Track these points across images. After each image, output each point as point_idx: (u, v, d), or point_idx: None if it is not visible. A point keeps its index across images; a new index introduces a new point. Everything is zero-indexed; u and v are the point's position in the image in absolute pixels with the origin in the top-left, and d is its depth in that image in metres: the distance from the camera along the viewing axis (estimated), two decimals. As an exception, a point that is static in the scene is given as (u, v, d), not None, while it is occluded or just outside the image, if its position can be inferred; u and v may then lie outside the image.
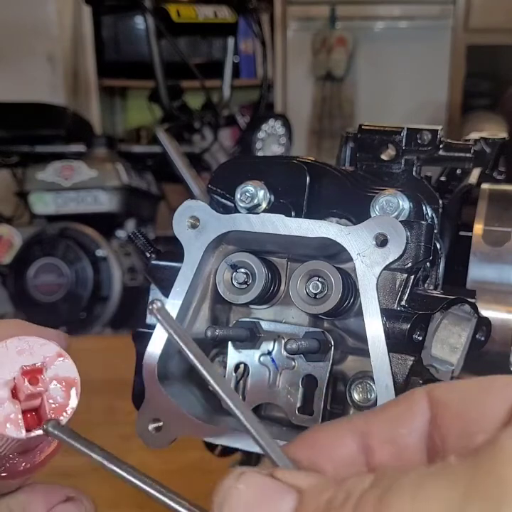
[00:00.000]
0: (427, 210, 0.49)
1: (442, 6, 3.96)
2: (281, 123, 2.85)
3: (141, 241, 0.50)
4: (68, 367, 0.36)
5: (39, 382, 0.34)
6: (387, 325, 0.42)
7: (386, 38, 4.04)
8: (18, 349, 0.35)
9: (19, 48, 3.51)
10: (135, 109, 4.17)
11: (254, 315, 0.49)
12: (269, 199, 0.47)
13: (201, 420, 0.46)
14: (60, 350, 0.36)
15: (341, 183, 0.48)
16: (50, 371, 0.35)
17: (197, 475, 0.78)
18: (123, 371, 0.52)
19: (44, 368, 0.35)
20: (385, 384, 0.41)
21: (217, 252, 0.48)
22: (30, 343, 0.35)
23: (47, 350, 0.35)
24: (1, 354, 0.34)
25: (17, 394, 0.34)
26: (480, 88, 4.16)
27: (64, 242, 2.47)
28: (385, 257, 0.42)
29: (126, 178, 2.58)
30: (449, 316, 0.45)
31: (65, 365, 0.36)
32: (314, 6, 4.00)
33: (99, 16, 3.75)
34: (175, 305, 0.47)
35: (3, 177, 2.85)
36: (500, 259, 0.51)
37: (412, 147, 0.52)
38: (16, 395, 0.34)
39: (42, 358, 0.35)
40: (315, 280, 0.45)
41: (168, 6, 2.47)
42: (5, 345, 0.34)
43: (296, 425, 0.46)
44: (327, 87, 4.06)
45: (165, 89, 2.50)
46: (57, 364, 0.35)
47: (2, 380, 0.34)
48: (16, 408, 0.34)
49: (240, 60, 3.89)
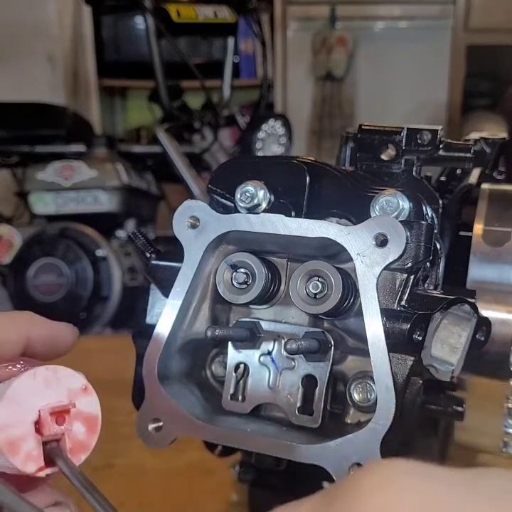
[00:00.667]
0: (427, 210, 0.49)
1: (442, 6, 3.96)
2: (281, 123, 2.85)
3: (141, 241, 0.50)
4: (92, 402, 0.34)
5: (65, 422, 0.33)
6: (387, 325, 0.42)
7: (386, 38, 4.04)
8: (46, 380, 0.33)
9: (19, 47, 3.51)
10: (135, 109, 4.17)
11: (254, 315, 0.49)
12: (269, 199, 0.47)
13: (201, 420, 0.46)
14: (87, 384, 0.34)
15: (341, 183, 0.48)
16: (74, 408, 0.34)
17: (197, 475, 0.78)
18: (123, 371, 0.52)
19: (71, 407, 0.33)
20: (385, 384, 0.41)
21: (217, 252, 0.48)
22: (58, 373, 0.33)
23: (73, 382, 0.34)
24: (29, 384, 0.32)
25: (40, 428, 0.33)
26: (480, 88, 4.16)
27: (64, 242, 2.47)
28: (385, 257, 0.42)
29: (126, 178, 2.58)
30: (449, 316, 0.45)
31: (89, 401, 0.34)
32: (314, 6, 4.00)
33: (99, 15, 3.74)
34: (175, 305, 0.47)
35: (3, 177, 2.85)
36: (500, 259, 0.51)
37: (412, 147, 0.52)
38: (39, 430, 0.33)
39: (68, 391, 0.33)
40: (315, 280, 0.45)
41: (168, 6, 2.47)
42: (33, 374, 0.33)
43: (296, 425, 0.47)
44: (327, 87, 4.06)
45: (165, 89, 2.50)
46: (82, 399, 0.34)
47: (27, 411, 0.32)
48: (37, 444, 0.32)
49: (239, 60, 3.89)
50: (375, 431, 0.41)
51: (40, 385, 0.33)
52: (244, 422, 0.47)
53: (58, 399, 0.33)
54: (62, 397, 0.33)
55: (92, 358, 0.50)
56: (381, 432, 0.41)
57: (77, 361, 0.42)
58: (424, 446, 0.62)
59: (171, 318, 0.47)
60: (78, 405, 0.34)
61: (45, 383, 0.33)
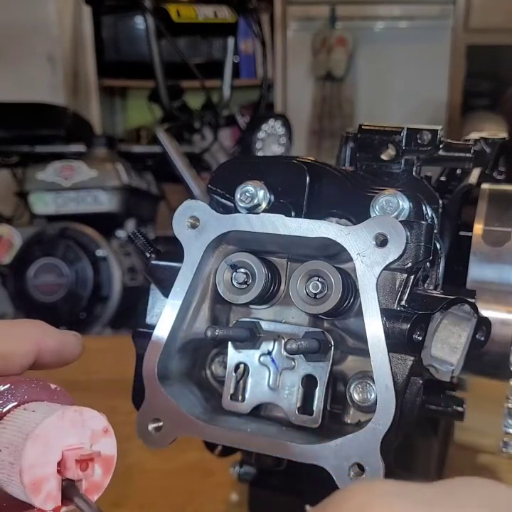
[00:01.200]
0: (427, 210, 0.49)
1: (442, 6, 3.96)
2: (281, 123, 2.85)
3: (141, 241, 0.50)
4: (111, 443, 0.34)
5: (88, 469, 0.33)
6: (387, 325, 0.42)
7: (386, 38, 4.04)
8: (72, 421, 0.33)
9: (19, 47, 3.51)
10: (135, 109, 4.17)
11: (254, 315, 0.49)
12: (269, 199, 0.47)
13: (201, 420, 0.46)
14: (108, 426, 0.34)
15: (341, 183, 0.48)
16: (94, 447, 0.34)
17: (197, 475, 0.78)
18: (123, 371, 0.52)
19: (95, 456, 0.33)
20: (385, 384, 0.41)
21: (217, 252, 0.48)
22: (84, 415, 0.33)
23: (96, 424, 0.34)
24: (57, 424, 0.33)
25: (62, 470, 0.33)
26: (480, 88, 4.16)
27: (64, 242, 2.47)
28: (385, 257, 0.42)
29: (126, 178, 2.58)
30: (449, 316, 0.45)
31: (107, 442, 0.34)
32: (314, 6, 4.00)
33: (99, 15, 3.74)
34: (175, 305, 0.47)
35: (3, 177, 2.85)
36: (500, 259, 0.51)
37: (412, 147, 0.52)
38: (61, 470, 0.33)
39: (91, 433, 0.34)
40: (315, 280, 0.45)
41: (168, 6, 2.47)
42: (62, 415, 0.33)
43: (296, 425, 0.47)
44: (327, 87, 4.06)
45: (165, 89, 2.50)
46: (102, 441, 0.34)
47: (53, 452, 0.32)
48: (58, 484, 0.32)
49: (239, 60, 3.89)
50: (375, 431, 0.41)
51: (67, 426, 0.33)
52: (244, 422, 0.47)
53: (81, 440, 0.33)
54: (85, 439, 0.34)
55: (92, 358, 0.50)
56: (381, 432, 0.41)
57: (77, 361, 0.42)
58: (424, 446, 0.62)
59: (171, 318, 0.47)
60: (98, 447, 0.34)
61: (71, 424, 0.33)
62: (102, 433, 0.34)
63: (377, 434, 0.41)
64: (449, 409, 0.51)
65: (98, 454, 0.33)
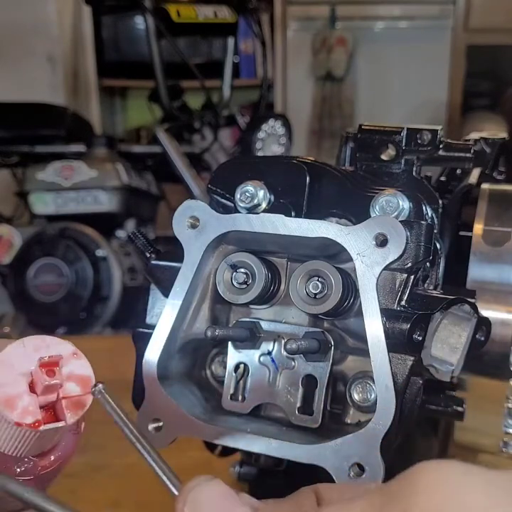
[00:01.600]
0: (427, 210, 0.49)
1: (442, 6, 3.96)
2: (281, 123, 2.85)
3: (141, 241, 0.50)
4: (83, 365, 0.37)
5: (56, 375, 0.36)
6: (387, 325, 0.42)
7: (386, 38, 4.04)
8: (35, 347, 0.36)
9: (19, 47, 3.51)
10: (135, 109, 4.17)
11: (254, 315, 0.49)
12: (269, 199, 0.47)
13: (201, 420, 0.46)
14: (76, 350, 0.37)
15: (341, 183, 0.48)
16: (65, 368, 0.36)
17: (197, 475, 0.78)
18: (123, 371, 0.52)
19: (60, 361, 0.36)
20: (385, 384, 0.41)
21: (217, 252, 0.48)
22: (47, 341, 0.37)
23: (63, 348, 0.37)
24: (19, 351, 0.36)
25: (34, 388, 0.36)
26: (480, 88, 4.16)
27: (64, 242, 2.47)
28: (385, 257, 0.42)
29: (126, 178, 2.58)
30: (449, 316, 0.45)
31: (80, 364, 0.37)
32: (314, 6, 4.00)
33: (99, 15, 3.74)
34: (175, 305, 0.47)
35: (3, 177, 2.85)
36: (500, 259, 0.51)
37: (412, 147, 0.52)
38: (33, 389, 0.36)
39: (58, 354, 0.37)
40: (315, 280, 0.45)
41: (168, 6, 2.47)
42: (22, 343, 0.36)
43: (296, 425, 0.47)
44: (327, 87, 4.06)
45: (165, 89, 2.50)
46: (73, 362, 0.37)
47: (20, 373, 0.35)
48: (33, 401, 0.35)
49: (239, 60, 3.89)
50: (375, 431, 0.41)
51: (30, 351, 0.36)
52: (244, 422, 0.47)
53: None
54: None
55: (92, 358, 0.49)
56: (381, 432, 0.41)
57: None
58: (424, 446, 0.62)
59: (171, 318, 0.47)
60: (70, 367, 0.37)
61: (35, 349, 0.36)
62: (71, 356, 0.37)
63: (377, 434, 0.41)
64: (449, 409, 0.51)
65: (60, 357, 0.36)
